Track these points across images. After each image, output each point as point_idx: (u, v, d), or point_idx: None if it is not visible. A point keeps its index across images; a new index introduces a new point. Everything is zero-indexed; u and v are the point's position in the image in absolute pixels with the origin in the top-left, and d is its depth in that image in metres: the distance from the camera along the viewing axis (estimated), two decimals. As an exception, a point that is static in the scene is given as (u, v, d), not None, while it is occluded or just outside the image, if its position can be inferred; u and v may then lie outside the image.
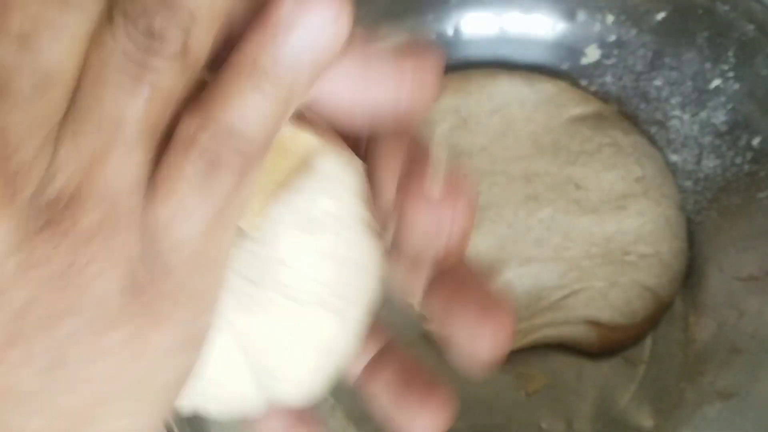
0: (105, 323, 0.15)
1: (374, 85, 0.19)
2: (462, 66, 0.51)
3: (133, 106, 0.15)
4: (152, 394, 0.17)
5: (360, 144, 0.20)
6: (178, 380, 0.17)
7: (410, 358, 0.22)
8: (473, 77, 0.50)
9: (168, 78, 0.16)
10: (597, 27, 0.49)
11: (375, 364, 0.22)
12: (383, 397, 0.21)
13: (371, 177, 0.20)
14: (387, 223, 0.20)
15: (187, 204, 0.16)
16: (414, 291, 0.20)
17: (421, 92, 0.19)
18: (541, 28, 0.50)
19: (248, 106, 0.16)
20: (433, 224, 0.18)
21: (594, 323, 0.44)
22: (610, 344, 0.44)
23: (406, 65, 0.19)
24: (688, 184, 0.47)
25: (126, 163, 0.15)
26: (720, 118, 0.46)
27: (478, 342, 0.18)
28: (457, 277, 0.19)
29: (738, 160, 0.45)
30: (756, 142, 0.44)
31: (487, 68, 0.51)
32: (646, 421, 0.43)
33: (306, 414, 0.23)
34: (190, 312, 0.16)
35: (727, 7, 0.44)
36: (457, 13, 0.51)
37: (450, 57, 0.51)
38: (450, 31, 0.51)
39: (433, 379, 0.21)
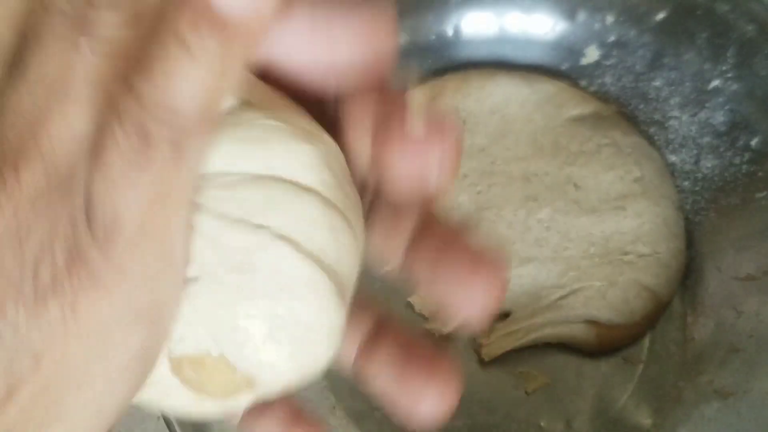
0: (43, 290, 0.14)
1: (337, 42, 0.18)
2: (462, 66, 0.51)
3: (78, 59, 0.15)
4: (111, 373, 0.16)
5: (327, 107, 0.19)
6: (137, 358, 0.16)
7: (407, 332, 0.20)
8: (473, 77, 0.50)
9: (109, 30, 0.15)
10: (597, 27, 0.49)
11: (369, 343, 0.20)
12: (383, 379, 0.19)
13: (343, 139, 0.19)
14: (365, 186, 0.19)
15: (124, 177, 0.15)
16: (394, 250, 0.19)
17: (382, 42, 0.18)
18: (541, 28, 0.50)
19: (175, 76, 0.15)
20: (417, 165, 0.17)
21: (593, 322, 0.44)
22: (608, 343, 0.44)
23: (368, 17, 0.18)
24: (687, 184, 0.47)
25: (72, 120, 0.15)
26: (719, 118, 0.46)
27: (471, 298, 0.17)
28: (440, 235, 0.18)
29: (736, 161, 0.45)
30: (755, 142, 0.44)
31: (487, 68, 0.51)
32: (645, 419, 0.43)
33: (303, 413, 0.22)
34: (138, 286, 0.15)
35: (726, 8, 0.44)
36: (457, 13, 0.51)
37: (450, 57, 0.51)
38: (450, 31, 0.51)
39: (434, 352, 0.19)
